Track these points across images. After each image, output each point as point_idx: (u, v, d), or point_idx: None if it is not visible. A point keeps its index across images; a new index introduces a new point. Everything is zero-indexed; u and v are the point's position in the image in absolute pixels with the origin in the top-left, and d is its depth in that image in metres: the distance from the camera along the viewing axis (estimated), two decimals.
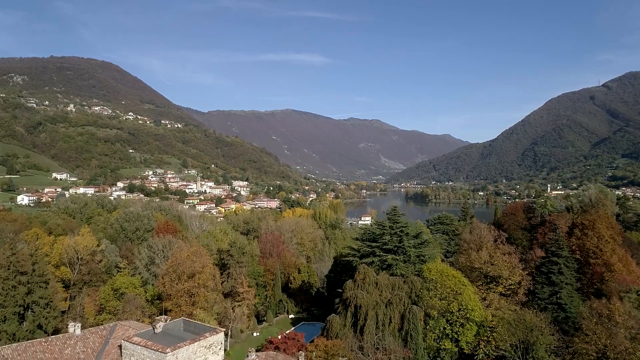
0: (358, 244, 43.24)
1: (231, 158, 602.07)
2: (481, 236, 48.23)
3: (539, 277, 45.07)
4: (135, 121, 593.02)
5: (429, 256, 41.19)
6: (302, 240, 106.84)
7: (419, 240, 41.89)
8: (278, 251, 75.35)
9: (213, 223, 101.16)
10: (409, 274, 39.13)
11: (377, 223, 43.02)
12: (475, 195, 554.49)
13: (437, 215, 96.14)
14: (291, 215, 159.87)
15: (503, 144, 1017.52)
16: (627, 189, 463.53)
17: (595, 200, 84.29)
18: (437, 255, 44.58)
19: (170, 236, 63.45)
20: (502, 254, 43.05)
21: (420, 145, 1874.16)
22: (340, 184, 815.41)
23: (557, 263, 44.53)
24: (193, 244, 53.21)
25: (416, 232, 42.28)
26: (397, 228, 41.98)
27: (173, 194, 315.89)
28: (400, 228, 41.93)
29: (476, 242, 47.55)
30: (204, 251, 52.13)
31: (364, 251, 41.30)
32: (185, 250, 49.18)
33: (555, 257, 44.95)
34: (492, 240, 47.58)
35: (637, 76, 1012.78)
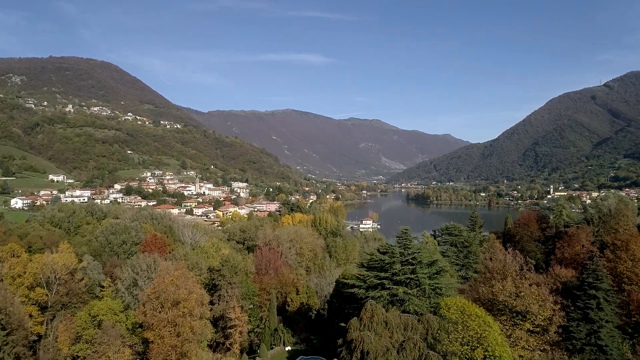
0: (363, 272, 37.84)
1: (231, 159, 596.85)
2: (505, 263, 42.86)
3: (574, 312, 39.66)
4: (134, 122, 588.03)
5: (446, 288, 35.85)
6: (302, 250, 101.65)
7: (434, 268, 36.53)
8: (275, 267, 70.12)
9: (207, 233, 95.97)
10: (424, 310, 33.85)
11: (385, 248, 37.62)
12: (477, 196, 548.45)
13: (444, 225, 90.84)
14: (290, 221, 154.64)
15: (504, 144, 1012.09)
16: (630, 189, 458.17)
17: (614, 210, 79.08)
18: (455, 285, 39.17)
19: (157, 254, 58.39)
20: (529, 284, 37.65)
21: (420, 145, 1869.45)
22: (341, 185, 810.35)
23: (596, 297, 39.17)
24: (179, 265, 47.88)
25: (430, 260, 36.97)
26: (408, 255, 36.59)
27: (171, 196, 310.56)
28: (412, 255, 36.56)
29: (499, 270, 42.14)
30: (190, 275, 46.85)
31: (370, 282, 35.97)
32: (169, 274, 43.89)
33: (593, 289, 39.56)
34: (517, 268, 42.15)
35: (639, 76, 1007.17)
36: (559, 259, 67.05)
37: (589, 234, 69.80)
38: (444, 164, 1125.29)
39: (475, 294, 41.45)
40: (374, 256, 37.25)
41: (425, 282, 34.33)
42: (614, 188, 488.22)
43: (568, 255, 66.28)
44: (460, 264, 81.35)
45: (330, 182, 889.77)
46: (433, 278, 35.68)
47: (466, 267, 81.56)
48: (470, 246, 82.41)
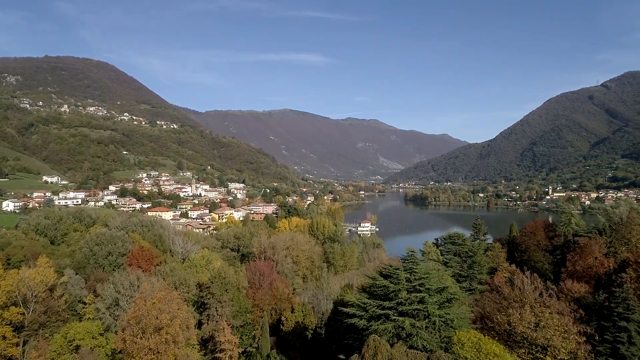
0: (365, 299, 33.98)
1: (228, 159, 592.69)
2: (523, 289, 39.16)
3: (601, 346, 35.93)
4: (130, 122, 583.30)
5: (458, 319, 32.09)
6: (298, 258, 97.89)
7: (444, 296, 32.77)
8: (270, 280, 66.21)
9: (199, 242, 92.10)
10: (433, 346, 30.01)
11: (388, 271, 33.80)
12: (475, 197, 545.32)
13: (447, 234, 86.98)
14: (287, 226, 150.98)
15: (502, 144, 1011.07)
16: (629, 190, 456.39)
17: (626, 219, 75.57)
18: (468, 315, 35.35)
19: (142, 268, 54.58)
20: (550, 313, 33.86)
21: (418, 145, 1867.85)
22: (339, 185, 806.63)
23: (627, 329, 35.50)
24: (162, 286, 43.97)
25: (440, 286, 33.24)
26: (415, 281, 32.74)
27: (166, 198, 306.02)
28: (419, 281, 32.73)
29: (517, 297, 38.39)
30: (174, 295, 42.97)
31: (372, 312, 32.16)
32: (152, 296, 40.00)
33: (624, 320, 35.83)
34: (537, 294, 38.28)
35: (636, 76, 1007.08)
36: (570, 272, 63.45)
37: (601, 246, 66.16)
38: (441, 164, 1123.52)
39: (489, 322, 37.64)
40: (377, 281, 33.50)
41: (434, 312, 30.60)
42: (612, 189, 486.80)
43: (580, 268, 62.69)
44: (464, 275, 77.62)
45: (328, 182, 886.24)
46: (443, 307, 31.96)
47: (470, 278, 77.88)
48: (474, 256, 78.68)
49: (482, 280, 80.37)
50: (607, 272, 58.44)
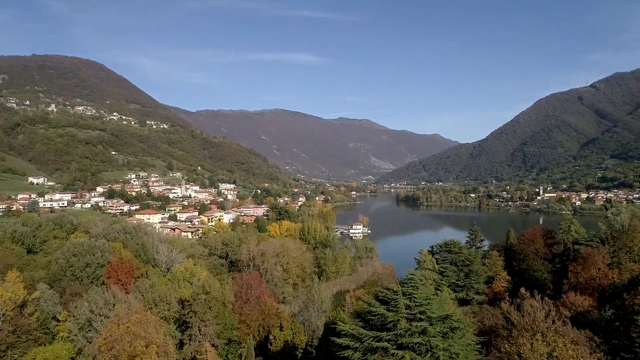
0: (359, 328, 30.65)
1: (218, 159, 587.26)
2: (534, 316, 36.17)
3: None
4: (119, 122, 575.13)
5: (464, 352, 28.89)
6: (288, 266, 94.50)
7: (448, 325, 29.61)
8: (257, 294, 62.73)
9: (184, 249, 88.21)
10: None
11: (385, 295, 30.52)
12: (467, 197, 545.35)
13: (443, 241, 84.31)
14: (277, 230, 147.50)
15: (492, 144, 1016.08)
16: (619, 191, 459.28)
17: (628, 226, 73.20)
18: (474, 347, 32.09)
19: (120, 283, 50.93)
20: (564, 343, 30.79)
21: (410, 145, 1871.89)
22: (330, 185, 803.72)
23: None
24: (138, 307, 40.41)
25: (442, 313, 30.09)
26: (415, 308, 29.54)
27: (155, 199, 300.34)
28: (420, 308, 29.54)
29: (527, 324, 35.35)
30: (151, 318, 39.43)
31: (368, 344, 28.95)
32: (126, 319, 36.45)
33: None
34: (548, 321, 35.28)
35: (624, 77, 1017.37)
36: (572, 283, 60.78)
37: (605, 256, 63.69)
38: (433, 164, 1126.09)
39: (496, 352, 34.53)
40: (373, 307, 30.24)
41: (438, 346, 27.52)
42: (602, 189, 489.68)
43: (583, 280, 60.09)
44: (461, 285, 74.92)
45: (320, 182, 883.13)
46: (447, 337, 28.84)
47: (467, 287, 75.24)
48: (471, 264, 76.07)
49: (480, 290, 77.82)
50: (612, 284, 55.82)
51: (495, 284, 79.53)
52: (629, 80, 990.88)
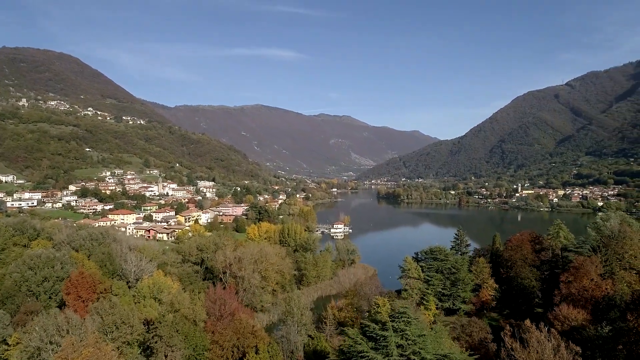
0: None
1: (197, 156, 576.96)
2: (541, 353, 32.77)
3: None
4: (94, 117, 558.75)
5: None
6: (267, 273, 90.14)
7: None
8: (232, 310, 58.30)
9: (155, 258, 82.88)
10: None
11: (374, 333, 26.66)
12: (447, 194, 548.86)
13: (428, 247, 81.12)
14: (256, 232, 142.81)
15: (471, 140, 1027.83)
16: (594, 187, 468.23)
17: (618, 232, 71.30)
18: None
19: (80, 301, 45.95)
20: None
21: (390, 142, 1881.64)
22: (311, 182, 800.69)
23: None
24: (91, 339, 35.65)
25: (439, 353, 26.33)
26: (408, 348, 25.81)
27: (131, 198, 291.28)
28: (413, 348, 25.81)
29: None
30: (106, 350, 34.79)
31: None
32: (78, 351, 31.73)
33: None
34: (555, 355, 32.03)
35: (599, 75, 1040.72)
36: (564, 294, 58.21)
37: (597, 266, 61.34)
38: (413, 161, 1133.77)
39: None
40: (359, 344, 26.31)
41: None
42: (577, 185, 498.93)
43: (575, 291, 57.56)
44: (447, 294, 71.88)
45: (301, 179, 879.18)
46: None
47: (454, 297, 72.23)
48: (458, 272, 73.16)
49: (466, 298, 75.01)
50: (606, 296, 53.34)
51: (483, 293, 76.99)
52: (603, 79, 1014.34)
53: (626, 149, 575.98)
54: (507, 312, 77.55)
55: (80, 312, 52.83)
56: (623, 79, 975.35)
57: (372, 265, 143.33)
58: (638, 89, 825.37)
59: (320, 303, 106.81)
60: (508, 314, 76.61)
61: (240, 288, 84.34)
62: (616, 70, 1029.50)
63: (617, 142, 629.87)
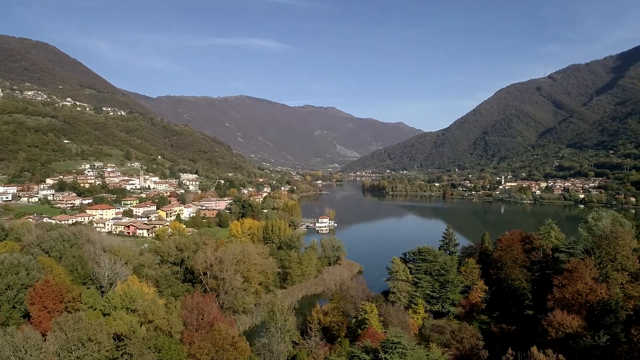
0: None
1: (180, 148, 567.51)
2: None
3: None
4: (73, 108, 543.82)
5: None
6: (249, 274, 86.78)
7: None
8: (210, 319, 54.94)
9: (131, 260, 78.71)
10: None
11: None
12: (431, 187, 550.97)
13: (417, 248, 78.69)
14: (239, 228, 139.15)
15: (455, 133, 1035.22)
16: (575, 179, 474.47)
17: (610, 233, 69.83)
18: None
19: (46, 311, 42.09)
20: None
21: (375, 134, 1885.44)
22: (296, 174, 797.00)
23: None
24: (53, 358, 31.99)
25: None
26: None
27: (111, 192, 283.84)
28: None
29: None
30: None
31: None
32: None
33: None
34: None
35: (580, 68, 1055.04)
36: (557, 299, 56.30)
37: (592, 269, 59.57)
38: (397, 153, 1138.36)
39: None
40: None
41: None
42: (559, 178, 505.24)
43: (569, 295, 55.68)
44: (436, 297, 69.63)
45: (285, 171, 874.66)
46: None
47: (442, 299, 70.04)
48: (447, 274, 70.90)
49: (456, 301, 72.96)
50: (601, 301, 51.51)
51: (472, 295, 75.14)
52: (584, 72, 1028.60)
53: (606, 141, 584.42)
54: (497, 315, 76.03)
55: (45, 324, 49.13)
56: (604, 72, 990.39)
57: (358, 262, 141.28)
58: (618, 82, 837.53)
59: (305, 302, 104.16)
60: (498, 317, 75.13)
61: (222, 290, 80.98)
62: (597, 63, 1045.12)
63: (597, 134, 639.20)
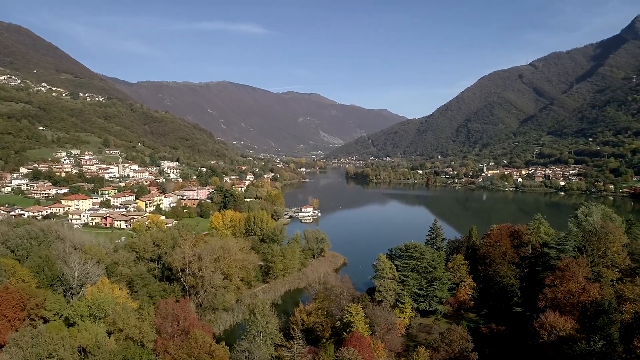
0: None
1: (160, 135, 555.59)
2: None
3: None
4: (48, 93, 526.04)
5: None
6: (230, 270, 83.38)
7: None
8: (186, 326, 51.49)
9: (103, 259, 74.29)
10: None
11: None
12: (415, 174, 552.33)
13: (403, 244, 76.18)
14: (220, 220, 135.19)
15: (438, 120, 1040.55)
16: (555, 166, 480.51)
17: (600, 228, 68.38)
18: None
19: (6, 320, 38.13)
20: None
21: (358, 120, 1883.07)
22: (279, 162, 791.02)
23: None
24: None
25: None
26: None
27: (88, 181, 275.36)
28: None
29: None
30: None
31: None
32: None
33: None
34: None
35: (561, 56, 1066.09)
36: (549, 299, 54.52)
37: (585, 269, 57.84)
38: (381, 140, 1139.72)
39: None
40: None
41: None
42: (540, 165, 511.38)
43: (561, 296, 53.92)
44: (423, 295, 67.38)
45: (269, 158, 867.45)
46: None
47: (430, 297, 67.89)
48: (435, 271, 68.65)
49: (443, 298, 71.07)
50: (594, 301, 49.81)
51: (460, 292, 73.29)
52: (565, 60, 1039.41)
53: (585, 128, 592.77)
54: (485, 312, 74.51)
55: (3, 336, 45.18)
56: (584, 59, 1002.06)
57: (343, 253, 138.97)
58: (597, 70, 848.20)
59: (289, 297, 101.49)
60: (487, 315, 73.60)
61: (201, 289, 77.59)
62: (577, 51, 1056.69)
63: (577, 122, 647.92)
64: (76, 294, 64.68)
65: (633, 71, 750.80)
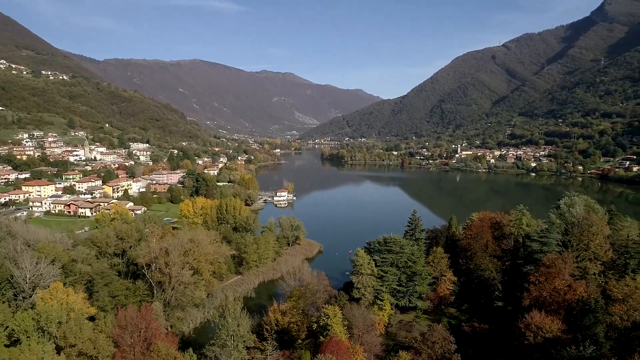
0: None
1: (129, 116, 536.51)
2: None
3: None
4: (7, 71, 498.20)
5: None
6: (199, 264, 78.97)
7: None
8: (148, 336, 47.06)
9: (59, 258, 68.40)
10: None
11: None
12: (390, 155, 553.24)
13: (382, 237, 73.06)
14: (191, 208, 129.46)
15: (413, 100, 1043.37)
16: (526, 147, 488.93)
17: (583, 219, 66.90)
18: None
19: None
20: None
21: (333, 100, 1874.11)
22: (254, 143, 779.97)
23: None
24: None
25: None
26: None
27: (51, 165, 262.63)
28: None
29: None
30: None
31: None
32: None
33: None
34: None
35: (533, 37, 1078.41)
36: (535, 297, 52.50)
37: (570, 265, 56.05)
38: (356, 120, 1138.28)
39: None
40: None
41: None
42: (511, 146, 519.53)
43: (547, 294, 51.95)
44: (402, 291, 64.75)
45: (243, 139, 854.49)
46: None
47: (409, 293, 65.35)
48: (415, 265, 65.97)
49: (423, 294, 68.82)
50: (580, 300, 47.94)
51: (441, 287, 71.17)
52: (537, 41, 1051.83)
53: (555, 110, 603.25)
54: (466, 307, 72.77)
55: None
56: (555, 41, 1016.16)
57: (319, 240, 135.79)
58: (567, 52, 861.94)
59: (263, 289, 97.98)
60: (468, 309, 71.89)
61: (168, 286, 73.08)
62: (549, 32, 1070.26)
63: (547, 103, 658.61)
64: (28, 297, 59.33)
65: (601, 53, 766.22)
